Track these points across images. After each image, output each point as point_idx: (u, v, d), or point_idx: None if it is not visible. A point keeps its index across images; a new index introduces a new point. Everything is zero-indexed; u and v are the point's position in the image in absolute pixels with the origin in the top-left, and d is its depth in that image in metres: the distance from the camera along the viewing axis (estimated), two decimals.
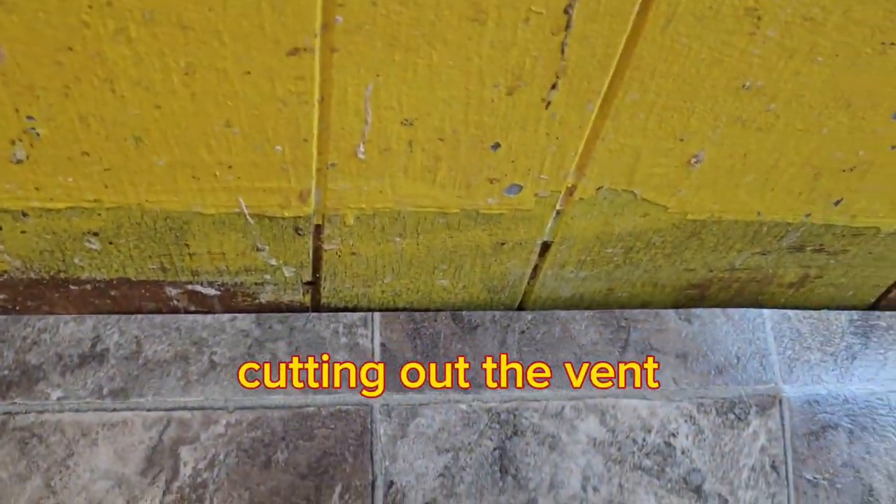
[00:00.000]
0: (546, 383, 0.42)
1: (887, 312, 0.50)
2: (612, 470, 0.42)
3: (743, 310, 0.46)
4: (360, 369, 0.41)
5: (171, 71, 0.28)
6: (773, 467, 0.44)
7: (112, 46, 0.27)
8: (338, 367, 0.40)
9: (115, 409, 0.38)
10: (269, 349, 0.40)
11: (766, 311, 0.47)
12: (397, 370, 0.41)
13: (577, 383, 0.43)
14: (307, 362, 0.40)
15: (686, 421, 0.43)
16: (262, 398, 0.39)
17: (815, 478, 0.44)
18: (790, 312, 0.48)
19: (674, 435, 0.43)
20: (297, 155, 0.32)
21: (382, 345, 0.41)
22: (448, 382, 0.41)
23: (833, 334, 0.49)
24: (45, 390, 0.38)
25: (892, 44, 0.32)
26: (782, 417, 0.45)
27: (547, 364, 0.43)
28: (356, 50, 0.28)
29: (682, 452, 0.43)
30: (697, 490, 0.43)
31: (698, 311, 0.46)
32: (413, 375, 0.41)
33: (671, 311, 0.45)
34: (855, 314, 0.50)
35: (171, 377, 0.39)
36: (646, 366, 0.44)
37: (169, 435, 0.38)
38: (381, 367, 0.41)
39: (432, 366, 0.41)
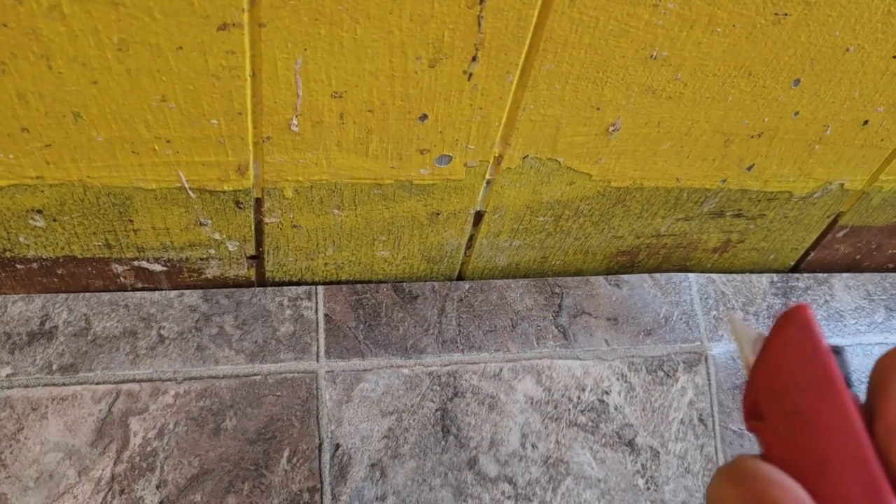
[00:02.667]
0: (484, 347, 0.44)
1: (805, 274, 0.54)
2: (550, 427, 0.44)
3: (669, 274, 0.49)
4: (304, 339, 0.42)
5: (105, 47, 0.29)
6: (701, 420, 0.47)
7: (46, 23, 0.28)
8: (283, 338, 0.42)
9: (64, 384, 0.39)
10: (216, 323, 0.42)
11: (692, 276, 0.50)
12: (340, 339, 0.43)
13: (513, 346, 0.45)
14: (253, 334, 0.42)
15: (618, 379, 0.46)
16: (209, 369, 0.41)
17: (740, 429, 0.47)
18: (715, 276, 0.51)
19: (607, 392, 0.45)
20: (232, 128, 0.34)
21: (326, 315, 0.43)
22: (390, 349, 0.43)
23: (755, 295, 0.52)
24: None
25: (786, 14, 0.34)
26: (708, 373, 0.47)
27: (485, 329, 0.45)
28: (283, 25, 0.30)
29: (615, 409, 0.45)
30: (630, 444, 0.45)
31: (627, 276, 0.48)
32: (356, 343, 0.43)
33: (601, 278, 0.48)
34: (775, 276, 0.53)
35: (119, 352, 0.40)
36: (577, 327, 0.46)
37: (118, 407, 0.39)
38: (324, 337, 0.42)
39: (375, 333, 0.43)
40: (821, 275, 0.54)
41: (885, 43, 0.37)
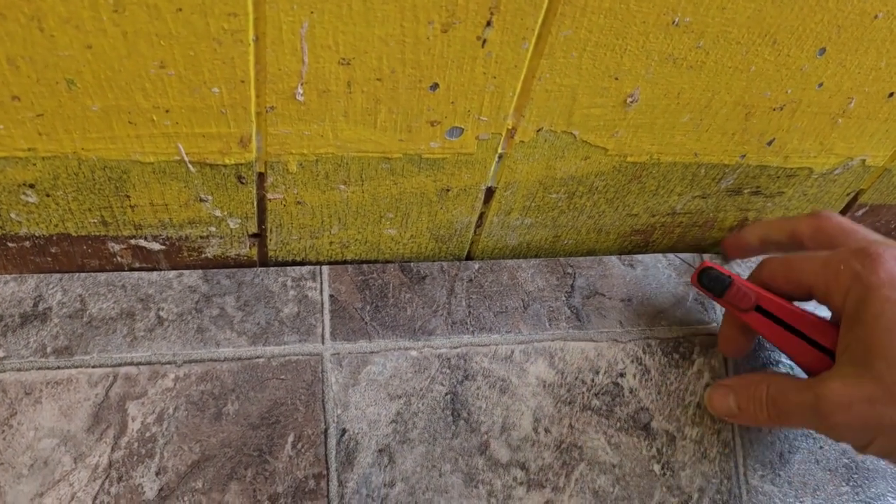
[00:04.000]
0: (494, 329, 0.43)
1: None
2: (563, 411, 0.43)
3: (683, 255, 0.48)
4: (308, 321, 0.41)
5: (100, 8, 0.28)
6: None
7: None
8: (287, 320, 0.41)
9: (59, 367, 0.37)
10: (216, 304, 0.40)
11: (706, 256, 0.49)
12: (346, 320, 0.41)
13: (524, 328, 0.43)
14: (256, 315, 0.40)
15: (633, 362, 0.44)
16: (210, 351, 0.39)
17: None
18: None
19: (621, 375, 0.44)
20: (234, 97, 0.32)
21: (331, 296, 0.42)
22: (398, 330, 0.42)
23: None
24: None
25: None
26: (725, 356, 0.46)
27: (495, 310, 0.43)
28: None
29: (630, 392, 0.44)
30: (646, 428, 0.44)
31: (640, 256, 0.47)
32: (362, 325, 0.41)
33: (614, 258, 0.46)
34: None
35: (116, 334, 0.39)
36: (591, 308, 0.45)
37: (115, 391, 0.38)
38: (329, 318, 0.41)
39: (382, 315, 0.42)
40: None
41: None
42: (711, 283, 0.41)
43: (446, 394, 0.41)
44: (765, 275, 0.40)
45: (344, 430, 0.39)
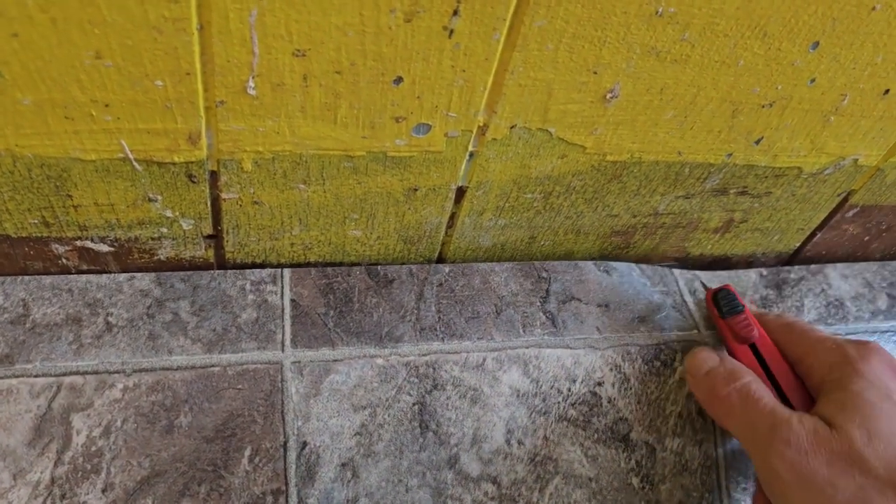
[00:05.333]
0: (466, 335, 0.41)
1: (795, 266, 0.50)
2: (537, 422, 0.41)
3: (654, 266, 0.46)
4: (268, 326, 0.38)
5: None
6: (700, 413, 0.43)
7: None
8: (245, 325, 0.38)
9: None
10: (170, 309, 0.38)
11: (675, 270, 0.47)
12: (308, 326, 0.39)
13: (497, 334, 0.41)
14: (212, 321, 0.38)
15: (611, 370, 0.42)
16: (162, 359, 0.37)
17: None
18: (698, 272, 0.48)
19: (599, 384, 0.42)
20: (180, 91, 0.30)
21: (293, 301, 0.39)
22: (363, 337, 0.39)
23: (746, 288, 0.49)
24: None
25: None
26: None
27: (467, 315, 0.41)
28: None
29: (609, 402, 0.42)
30: (624, 439, 0.42)
31: (615, 264, 0.45)
32: (325, 331, 0.39)
33: (590, 264, 0.44)
34: (763, 270, 0.50)
35: (62, 341, 0.36)
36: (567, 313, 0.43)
37: (59, 402, 0.35)
38: (290, 324, 0.39)
39: (346, 320, 0.39)
40: (813, 266, 0.51)
41: None
42: (724, 302, 0.42)
43: (414, 404, 0.39)
44: (766, 325, 0.41)
45: (304, 444, 0.37)
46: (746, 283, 0.49)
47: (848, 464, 0.32)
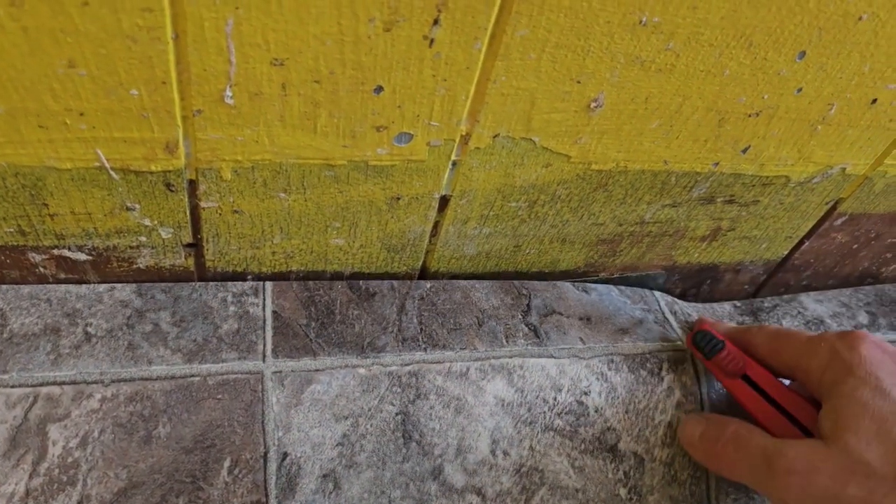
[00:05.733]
0: (448, 345, 0.40)
1: (767, 297, 0.50)
2: (523, 432, 0.40)
3: (633, 287, 0.46)
4: (249, 337, 0.38)
5: None
6: None
7: None
8: (226, 336, 0.38)
9: None
10: (150, 319, 0.37)
11: (656, 293, 0.46)
12: (290, 337, 0.38)
13: (480, 344, 0.41)
14: (192, 331, 0.37)
15: (598, 379, 0.42)
16: (141, 369, 0.36)
17: None
18: (677, 301, 0.47)
19: (586, 393, 0.42)
20: (156, 100, 0.29)
21: (275, 312, 0.39)
22: (345, 347, 0.39)
23: (723, 316, 0.48)
24: None
25: None
26: (697, 372, 0.44)
27: (449, 326, 0.41)
28: None
29: (596, 411, 0.42)
30: (612, 449, 0.42)
31: (593, 284, 0.45)
32: (307, 342, 0.38)
33: (568, 284, 0.44)
34: (737, 301, 0.50)
35: (39, 351, 0.36)
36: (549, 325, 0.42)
37: (36, 412, 0.35)
38: (272, 335, 0.38)
39: (328, 331, 0.39)
40: (786, 295, 0.51)
41: None
42: (704, 343, 0.42)
43: (397, 414, 0.39)
44: (751, 341, 0.41)
45: (285, 454, 0.37)
46: (721, 315, 0.48)
47: (852, 472, 0.32)
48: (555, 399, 0.41)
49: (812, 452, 0.33)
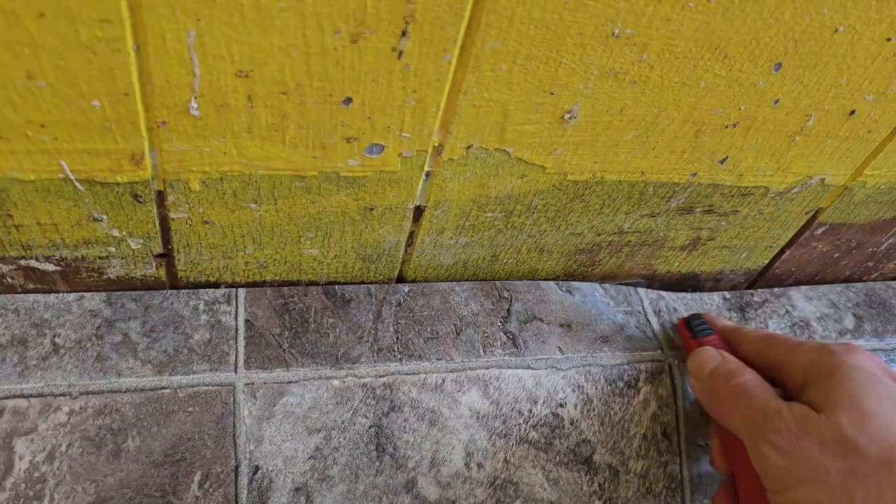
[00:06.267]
0: (424, 356, 0.40)
1: (759, 290, 0.50)
2: (497, 444, 0.40)
3: (618, 286, 0.45)
4: (221, 348, 0.37)
5: None
6: (665, 435, 0.43)
7: None
8: (197, 347, 0.37)
9: None
10: (120, 329, 0.37)
11: (640, 290, 0.46)
12: (263, 347, 0.38)
13: (457, 355, 0.40)
14: (163, 342, 0.37)
15: (574, 391, 0.42)
16: (111, 382, 0.36)
17: (707, 443, 0.44)
18: (663, 293, 0.47)
19: (561, 405, 0.41)
20: (119, 111, 0.29)
21: (247, 321, 0.38)
22: (319, 358, 0.38)
23: (712, 305, 0.48)
24: None
25: None
26: (673, 384, 0.43)
27: (425, 336, 0.40)
28: None
29: (571, 423, 0.41)
30: (587, 462, 0.41)
31: (578, 284, 0.44)
32: (280, 352, 0.38)
33: (552, 283, 0.43)
34: (727, 293, 0.49)
35: (6, 363, 0.35)
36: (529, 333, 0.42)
37: (1, 426, 0.34)
38: (244, 345, 0.38)
39: (302, 341, 0.39)
40: (777, 289, 0.51)
41: (879, 24, 0.32)
42: (695, 325, 0.43)
43: (370, 427, 0.38)
44: (741, 339, 0.41)
45: (257, 468, 0.36)
46: (710, 306, 0.48)
47: (838, 446, 0.32)
48: (530, 411, 0.41)
49: (805, 417, 0.34)
